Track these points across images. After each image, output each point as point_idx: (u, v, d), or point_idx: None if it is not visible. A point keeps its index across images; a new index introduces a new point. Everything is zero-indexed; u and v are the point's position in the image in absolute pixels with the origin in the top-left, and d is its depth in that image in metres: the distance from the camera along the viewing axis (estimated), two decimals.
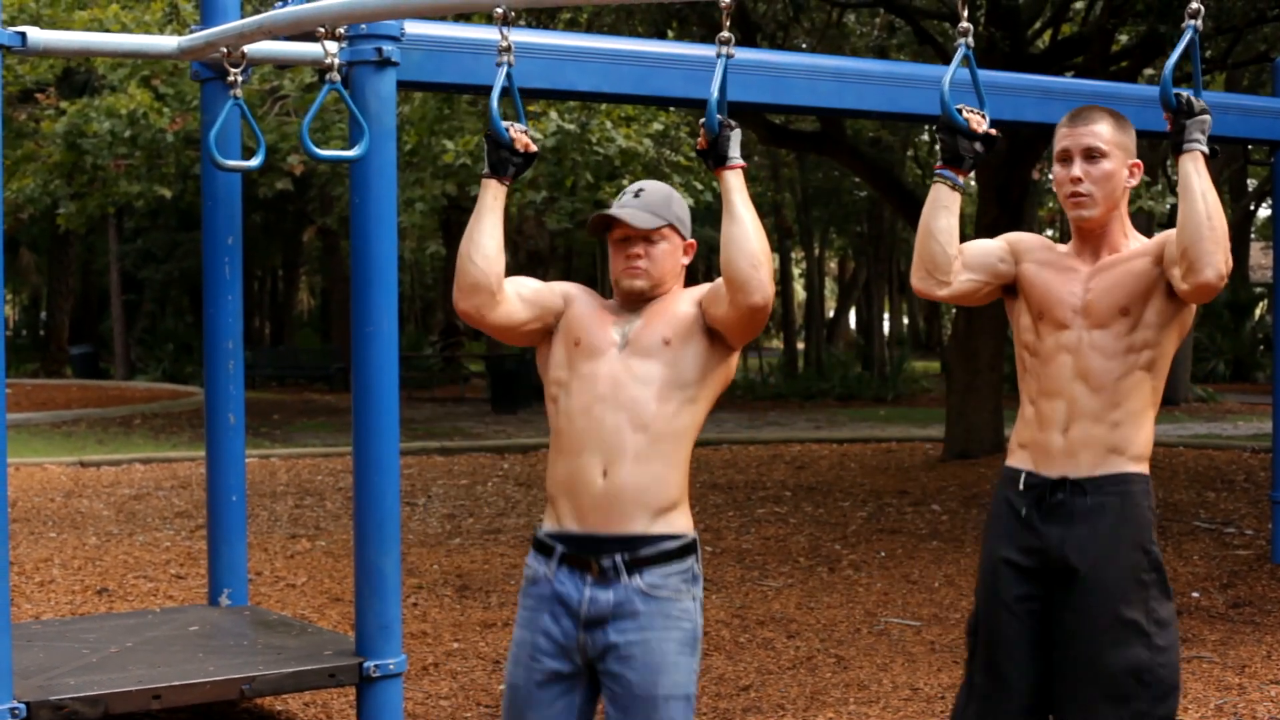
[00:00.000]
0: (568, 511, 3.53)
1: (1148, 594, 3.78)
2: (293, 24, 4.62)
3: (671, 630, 3.48)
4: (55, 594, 8.63)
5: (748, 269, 3.42)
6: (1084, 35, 15.08)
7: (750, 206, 3.47)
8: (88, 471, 14.86)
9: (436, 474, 14.69)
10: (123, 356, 32.61)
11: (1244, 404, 23.98)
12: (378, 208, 5.21)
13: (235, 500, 6.23)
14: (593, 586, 3.48)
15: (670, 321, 3.56)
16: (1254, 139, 8.77)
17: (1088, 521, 3.78)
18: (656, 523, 3.48)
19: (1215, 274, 3.54)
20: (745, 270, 3.42)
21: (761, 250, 3.43)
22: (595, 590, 3.47)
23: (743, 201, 3.46)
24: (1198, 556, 9.58)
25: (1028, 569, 3.86)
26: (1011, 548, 3.88)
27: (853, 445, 17.55)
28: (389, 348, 5.25)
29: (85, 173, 19.76)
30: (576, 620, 3.49)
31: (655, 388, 3.49)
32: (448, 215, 26.92)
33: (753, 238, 3.43)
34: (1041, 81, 7.76)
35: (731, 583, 8.87)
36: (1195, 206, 3.54)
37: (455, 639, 7.47)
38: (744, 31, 13.89)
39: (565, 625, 3.50)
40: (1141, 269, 3.81)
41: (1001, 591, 3.89)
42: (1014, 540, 3.88)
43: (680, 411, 3.51)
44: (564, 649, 3.51)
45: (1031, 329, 3.95)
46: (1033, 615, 3.87)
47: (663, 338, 3.53)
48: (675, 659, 3.48)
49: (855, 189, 29.15)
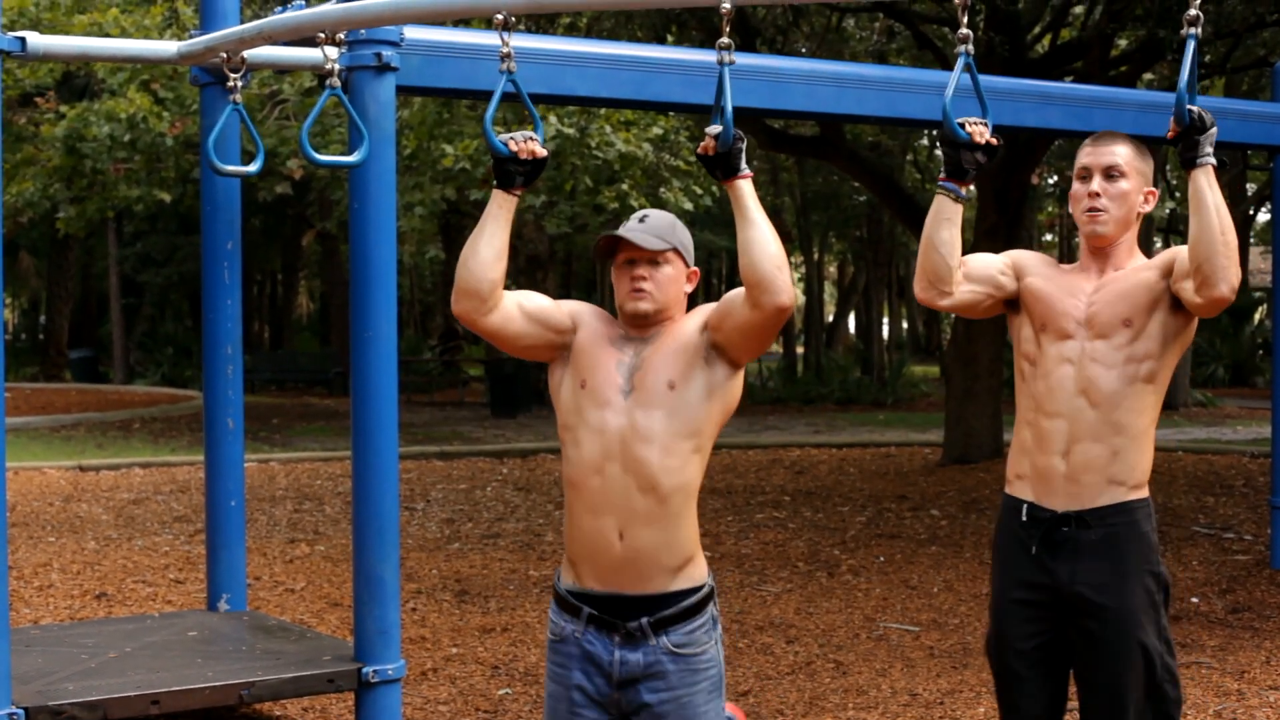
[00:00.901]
0: (589, 572, 3.59)
1: (1158, 615, 3.88)
2: (292, 29, 4.62)
3: (700, 682, 3.58)
4: (54, 599, 8.62)
5: (772, 270, 3.43)
6: (1083, 40, 15.07)
7: (763, 211, 3.49)
8: (87, 476, 14.86)
9: (435, 478, 14.68)
10: (122, 360, 32.61)
11: (1243, 409, 23.97)
12: (377, 213, 5.21)
13: (234, 505, 6.23)
14: (621, 649, 3.56)
15: (675, 356, 3.56)
16: (1253, 144, 8.77)
17: (1096, 554, 3.85)
18: (676, 579, 3.58)
19: (1229, 287, 3.59)
20: (770, 271, 3.43)
21: (780, 252, 3.46)
22: (624, 652, 3.55)
23: (756, 207, 3.49)
24: (1197, 562, 9.58)
25: (1038, 603, 3.93)
26: (1021, 586, 3.96)
27: (852, 450, 17.54)
28: (388, 353, 5.24)
29: (85, 176, 19.77)
30: (609, 680, 3.57)
31: (660, 444, 3.53)
32: (447, 220, 26.92)
33: (771, 240, 3.46)
34: (1040, 86, 7.77)
35: (730, 588, 8.86)
36: (1209, 220, 3.57)
37: (454, 644, 7.46)
38: (743, 36, 13.90)
39: (599, 683, 3.59)
40: (1147, 281, 3.86)
41: (1011, 634, 3.98)
42: (1023, 576, 3.95)
43: (687, 464, 3.55)
44: (600, 703, 3.60)
45: (1033, 340, 3.97)
46: (1042, 649, 3.97)
47: (667, 381, 3.54)
48: (705, 708, 3.59)
49: (854, 193, 29.15)
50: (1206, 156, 3.57)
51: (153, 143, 18.08)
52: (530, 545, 10.47)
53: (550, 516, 11.86)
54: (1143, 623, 3.82)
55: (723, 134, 3.51)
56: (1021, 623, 3.95)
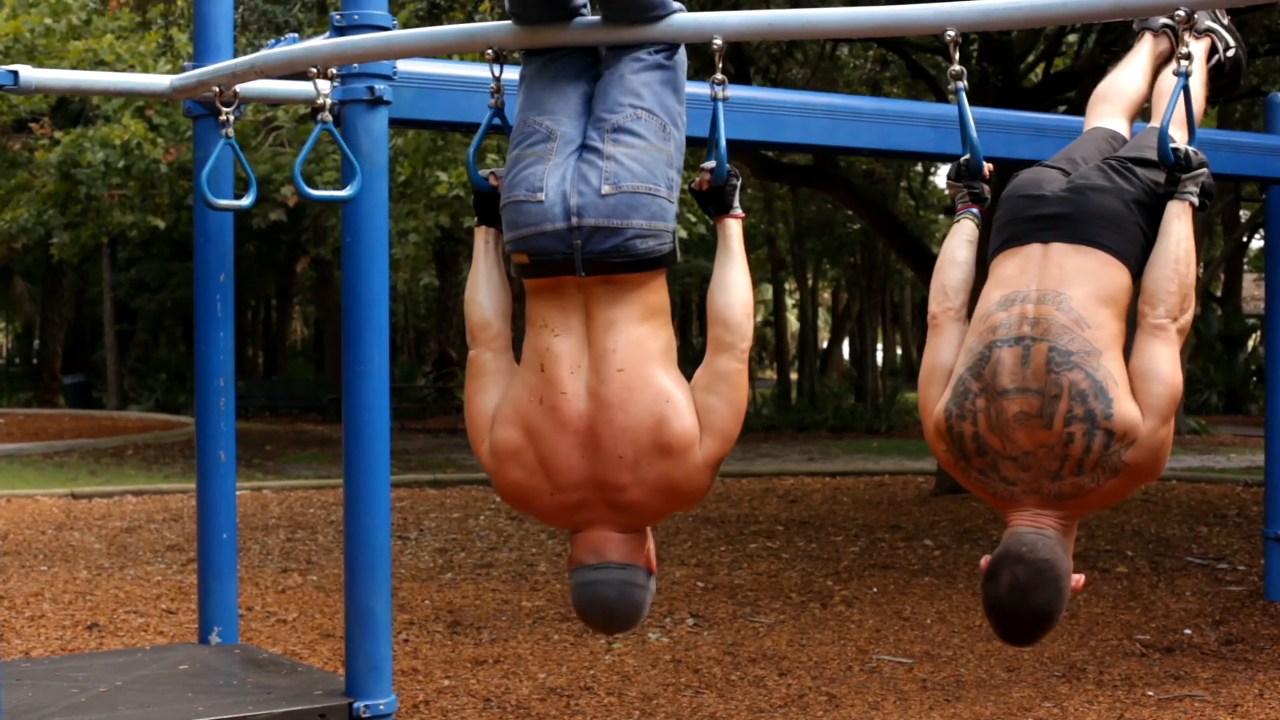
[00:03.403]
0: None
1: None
2: (285, 64, 4.61)
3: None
4: (45, 629, 8.60)
5: (741, 315, 3.52)
6: (1076, 70, 15.12)
7: (745, 256, 3.55)
8: (79, 503, 14.83)
9: (429, 507, 14.66)
10: (116, 386, 32.60)
11: (1237, 436, 23.99)
12: (369, 247, 5.20)
13: (225, 538, 6.20)
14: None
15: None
16: (1245, 176, 8.78)
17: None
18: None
19: (1168, 314, 3.55)
20: (739, 317, 3.52)
21: (751, 300, 3.55)
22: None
23: (741, 250, 3.57)
24: (1190, 593, 9.57)
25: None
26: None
27: (845, 478, 17.54)
28: (380, 387, 5.23)
29: (79, 203, 19.78)
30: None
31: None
32: (441, 247, 26.95)
33: (746, 287, 3.54)
34: (1034, 119, 7.78)
35: (723, 619, 8.85)
36: (1167, 247, 3.57)
37: (446, 676, 7.44)
38: (738, 65, 13.92)
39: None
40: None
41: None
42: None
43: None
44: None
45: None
46: None
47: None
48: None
49: (848, 221, 29.20)
50: (1188, 194, 3.59)
51: (147, 169, 18.09)
52: (523, 575, 10.45)
53: (543, 546, 11.84)
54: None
55: (716, 169, 3.54)
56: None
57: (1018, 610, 3.45)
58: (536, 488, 3.56)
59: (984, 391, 3.53)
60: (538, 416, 3.53)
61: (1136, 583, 9.92)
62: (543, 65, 3.71)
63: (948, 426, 3.58)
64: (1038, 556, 3.46)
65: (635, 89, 3.59)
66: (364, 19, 4.91)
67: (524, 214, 3.51)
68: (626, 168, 3.49)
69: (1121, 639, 8.19)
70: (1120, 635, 8.28)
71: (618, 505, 3.53)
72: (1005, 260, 3.72)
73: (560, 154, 3.54)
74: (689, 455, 3.48)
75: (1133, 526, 12.59)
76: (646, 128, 3.55)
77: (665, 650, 7.99)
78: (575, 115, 3.61)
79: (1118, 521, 12.82)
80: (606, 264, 3.48)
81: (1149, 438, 3.44)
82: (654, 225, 3.49)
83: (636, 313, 3.50)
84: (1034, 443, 3.47)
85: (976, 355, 3.57)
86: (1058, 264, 3.62)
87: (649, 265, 3.51)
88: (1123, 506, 13.80)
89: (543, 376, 3.53)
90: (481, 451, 3.64)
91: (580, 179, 3.49)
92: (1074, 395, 3.43)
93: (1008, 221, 3.78)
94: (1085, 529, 12.30)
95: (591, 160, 3.51)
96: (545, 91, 3.65)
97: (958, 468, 3.62)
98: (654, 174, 3.51)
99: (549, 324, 3.55)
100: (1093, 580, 9.96)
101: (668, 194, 3.53)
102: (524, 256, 3.54)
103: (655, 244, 3.50)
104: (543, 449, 3.52)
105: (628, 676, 7.42)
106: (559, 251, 3.48)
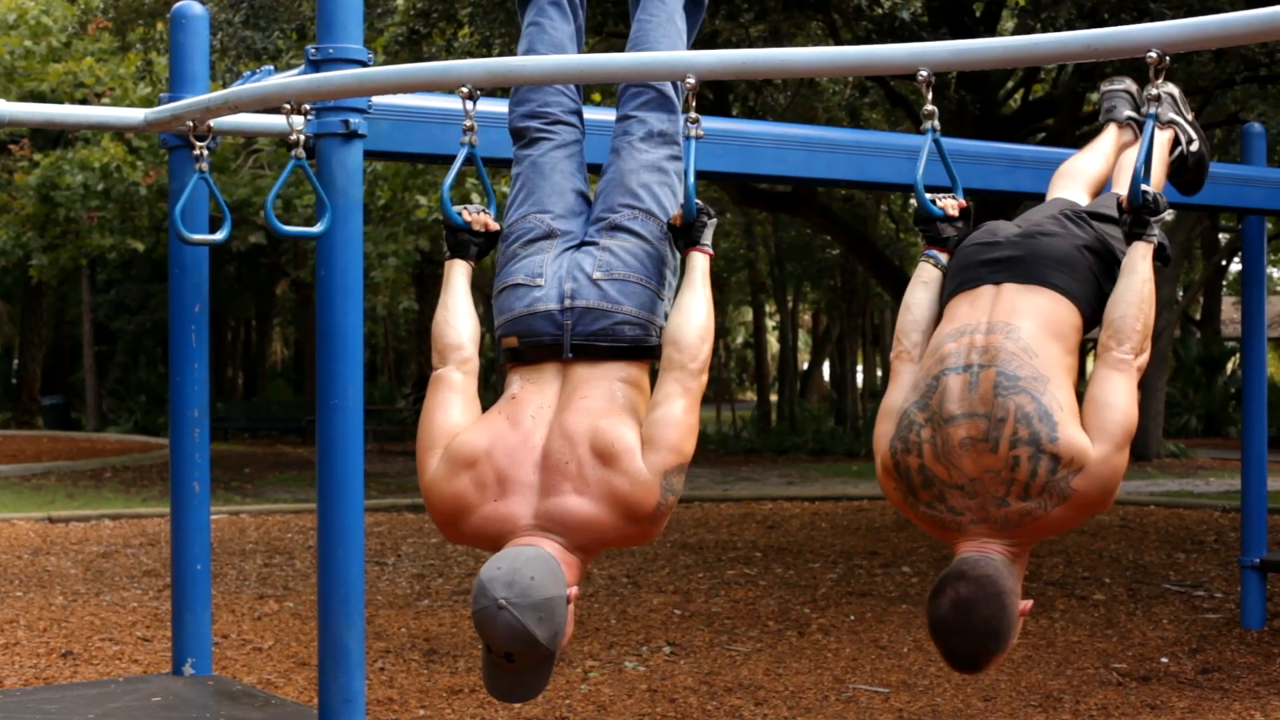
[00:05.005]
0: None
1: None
2: (259, 99, 4.61)
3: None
4: (20, 657, 8.56)
5: (696, 339, 3.55)
6: (1054, 97, 15.18)
7: (709, 289, 3.59)
8: (56, 528, 14.78)
9: (406, 532, 14.62)
10: (95, 407, 32.52)
11: (1215, 459, 24.06)
12: (344, 280, 5.19)
13: (200, 569, 6.18)
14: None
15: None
16: (1220, 206, 8.82)
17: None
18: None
19: (1131, 348, 3.56)
20: (695, 341, 3.55)
21: (710, 327, 3.58)
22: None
23: (705, 283, 3.62)
24: (1167, 620, 9.59)
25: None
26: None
27: (824, 503, 17.53)
28: (354, 419, 5.22)
29: (58, 225, 19.78)
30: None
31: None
32: (420, 270, 26.94)
33: (707, 314, 3.58)
34: (1010, 150, 7.82)
35: (700, 647, 8.84)
36: (1133, 284, 3.58)
37: (421, 705, 7.42)
38: (716, 92, 13.96)
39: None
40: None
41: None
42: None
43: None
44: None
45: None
46: None
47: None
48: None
49: (828, 245, 29.25)
50: (1152, 235, 3.62)
51: (126, 191, 18.11)
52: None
53: None
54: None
55: (686, 206, 3.57)
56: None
57: (962, 627, 3.43)
58: (478, 501, 3.55)
59: (930, 421, 3.54)
60: (505, 435, 3.56)
61: (1114, 610, 9.93)
62: (536, 160, 3.89)
63: (894, 462, 3.59)
64: (980, 573, 3.45)
65: (634, 190, 3.75)
66: (339, 52, 4.91)
67: (520, 297, 3.67)
68: (620, 259, 3.65)
69: (1098, 667, 8.19)
70: (1097, 664, 8.29)
71: (558, 516, 3.51)
72: (958, 302, 3.75)
73: (559, 249, 3.71)
74: (629, 462, 3.47)
75: (1110, 553, 12.61)
76: (644, 227, 3.71)
77: (641, 679, 7.98)
78: (573, 213, 3.80)
79: (1095, 548, 12.84)
80: (592, 346, 3.59)
81: (1100, 464, 3.43)
82: (642, 315, 3.62)
83: (615, 377, 3.60)
84: (980, 468, 3.47)
85: (924, 388, 3.59)
86: (1009, 300, 3.66)
87: (633, 354, 3.61)
88: (1101, 532, 13.83)
89: (513, 403, 3.58)
90: (430, 459, 3.62)
91: (575, 266, 3.65)
92: (1019, 418, 3.44)
93: (961, 268, 3.82)
94: (1063, 555, 12.32)
95: (589, 251, 3.68)
96: (541, 186, 3.84)
97: (906, 504, 3.63)
98: (647, 268, 3.67)
99: (524, 380, 3.65)
100: (1069, 608, 9.97)
101: (658, 289, 3.66)
102: (514, 340, 3.66)
103: (642, 334, 3.62)
104: (500, 460, 3.53)
105: (603, 706, 7.40)
106: (549, 333, 3.61)
